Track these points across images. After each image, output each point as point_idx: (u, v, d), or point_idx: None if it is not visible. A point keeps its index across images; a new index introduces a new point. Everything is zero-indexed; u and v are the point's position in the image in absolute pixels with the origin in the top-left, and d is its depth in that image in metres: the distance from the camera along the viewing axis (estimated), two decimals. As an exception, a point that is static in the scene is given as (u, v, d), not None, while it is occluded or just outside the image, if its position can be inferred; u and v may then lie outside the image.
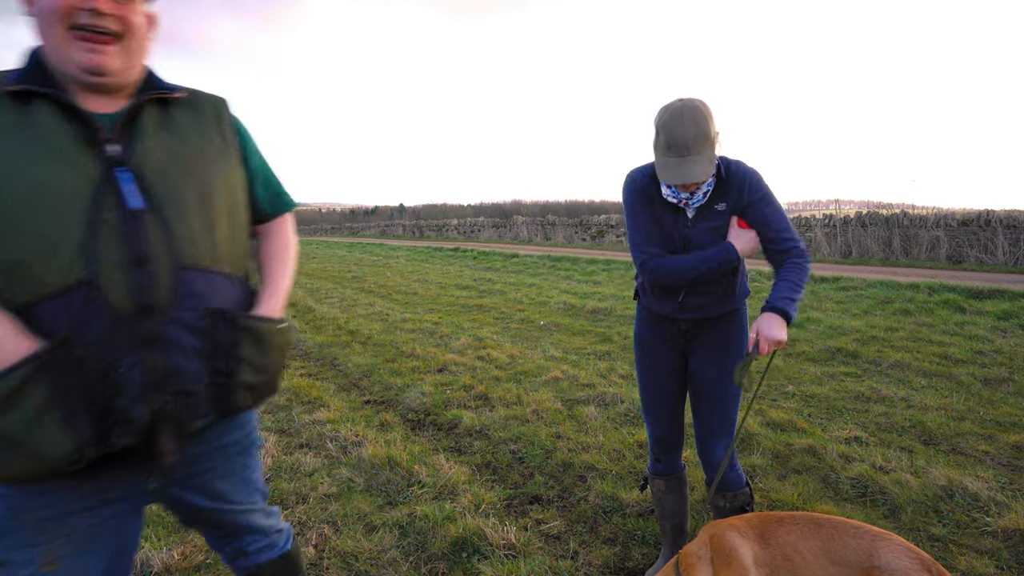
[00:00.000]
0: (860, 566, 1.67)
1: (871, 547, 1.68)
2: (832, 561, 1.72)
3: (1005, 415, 4.22)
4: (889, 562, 1.63)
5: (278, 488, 3.36)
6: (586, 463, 3.58)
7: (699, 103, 2.01)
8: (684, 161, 1.96)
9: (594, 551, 2.74)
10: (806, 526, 1.79)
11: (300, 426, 4.35)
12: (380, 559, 2.66)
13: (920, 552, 1.64)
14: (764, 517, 1.87)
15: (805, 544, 1.76)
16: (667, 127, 1.99)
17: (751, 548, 1.81)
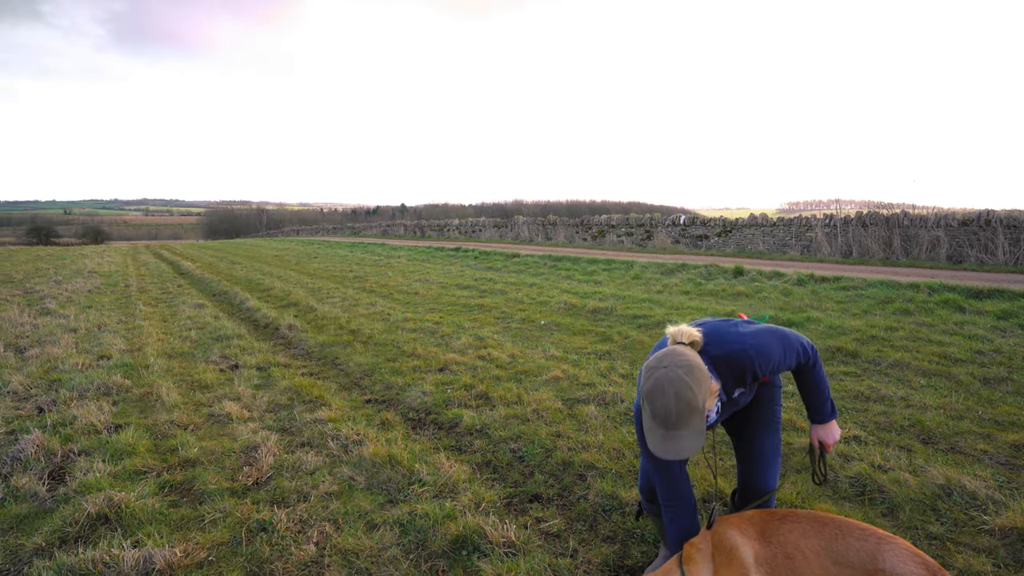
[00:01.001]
0: (863, 568, 1.67)
1: (875, 549, 1.68)
2: (834, 561, 1.72)
3: (1004, 414, 4.23)
4: (893, 566, 1.63)
5: (279, 486, 3.39)
6: (586, 462, 3.60)
7: (682, 372, 1.82)
8: (670, 436, 1.83)
9: (593, 549, 2.76)
10: (809, 525, 1.80)
11: (302, 425, 4.38)
12: (381, 557, 2.68)
13: (926, 557, 1.65)
14: (767, 515, 1.89)
15: (807, 543, 1.77)
16: (650, 397, 1.85)
17: (752, 547, 1.83)
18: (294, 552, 2.71)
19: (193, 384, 5.58)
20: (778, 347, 2.12)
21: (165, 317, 9.60)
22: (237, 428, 4.30)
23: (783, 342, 2.15)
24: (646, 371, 1.92)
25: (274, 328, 8.43)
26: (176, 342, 7.50)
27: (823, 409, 2.32)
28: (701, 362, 1.90)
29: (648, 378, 1.88)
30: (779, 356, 2.12)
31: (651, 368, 1.90)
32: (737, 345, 2.07)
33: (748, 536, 1.88)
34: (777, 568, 1.80)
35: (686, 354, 1.89)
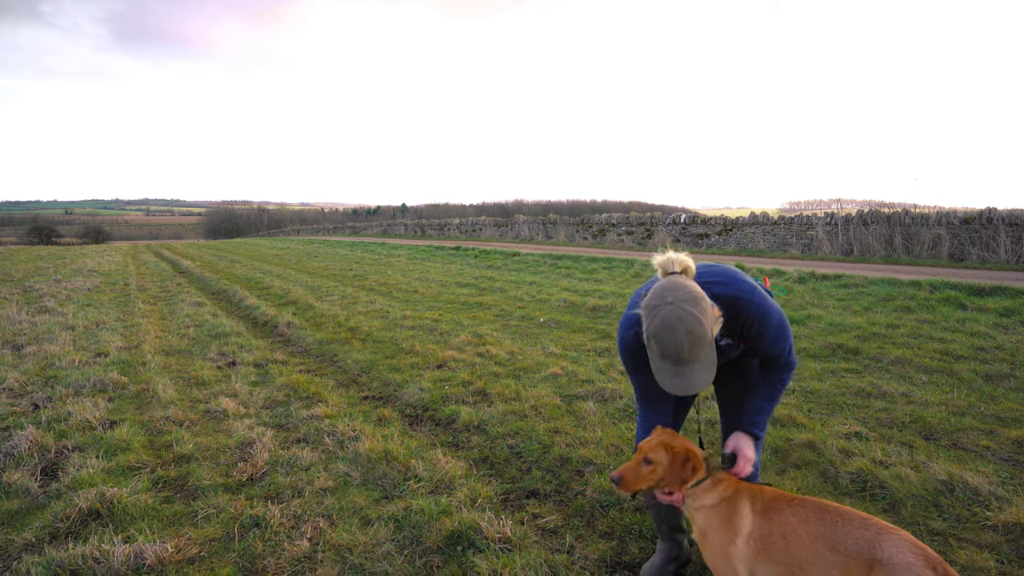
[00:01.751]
0: (861, 556, 1.64)
1: (875, 539, 1.65)
2: (831, 548, 1.70)
3: (1006, 410, 4.19)
4: (891, 556, 1.60)
5: (274, 482, 3.35)
6: (584, 457, 3.56)
7: (688, 305, 1.73)
8: (682, 372, 1.78)
9: (590, 545, 2.72)
10: (812, 511, 1.79)
11: (298, 421, 4.34)
12: (375, 552, 2.64)
13: (927, 550, 1.61)
14: (778, 495, 1.90)
15: (805, 527, 1.76)
16: (659, 337, 1.75)
17: (753, 519, 1.85)
18: (287, 548, 2.68)
19: (190, 381, 5.55)
20: (778, 320, 2.06)
21: (164, 315, 9.57)
22: (233, 424, 4.27)
23: (783, 321, 2.09)
24: (648, 309, 1.79)
25: (272, 326, 8.40)
26: (174, 339, 7.47)
27: (760, 423, 2.16)
28: (702, 291, 1.82)
29: (653, 317, 1.77)
30: (775, 328, 2.04)
31: (654, 306, 1.78)
32: (747, 294, 2.01)
33: (754, 509, 1.89)
34: (771, 546, 1.81)
35: (688, 285, 1.80)
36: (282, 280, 13.86)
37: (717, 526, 1.92)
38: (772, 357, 2.12)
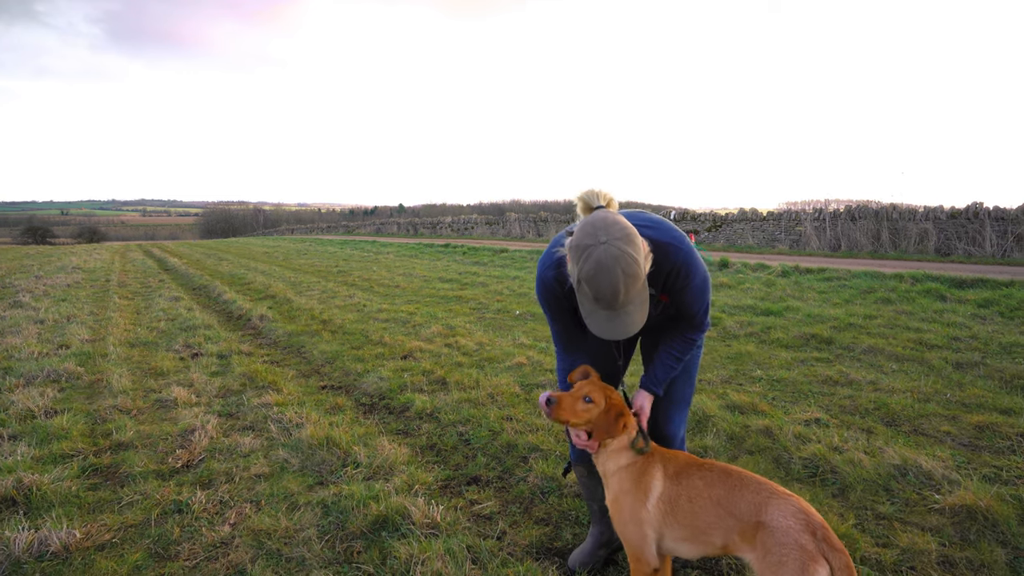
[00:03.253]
0: (750, 519, 1.60)
1: (764, 502, 1.60)
2: (728, 512, 1.66)
3: (972, 396, 4.09)
4: (773, 518, 1.56)
5: (209, 468, 3.24)
6: (531, 444, 3.45)
7: (622, 243, 1.60)
8: (616, 315, 1.67)
9: (524, 531, 2.62)
10: (718, 475, 1.75)
11: (248, 409, 4.23)
12: (295, 538, 2.53)
13: (813, 515, 1.55)
14: (690, 461, 1.84)
15: (710, 491, 1.72)
16: (593, 281, 1.61)
17: (664, 483, 1.81)
18: (205, 533, 2.56)
19: (148, 372, 5.43)
20: (702, 276, 1.94)
21: (139, 309, 9.44)
22: (181, 413, 4.15)
23: (707, 280, 1.97)
24: (580, 250, 1.63)
25: (246, 319, 8.28)
26: (143, 332, 7.35)
27: (660, 383, 2.08)
28: (633, 227, 1.69)
29: (586, 259, 1.61)
30: (699, 283, 1.92)
31: (586, 247, 1.62)
32: (677, 241, 1.89)
33: (667, 474, 1.83)
34: (678, 508, 1.77)
35: (620, 221, 1.66)
36: (265, 276, 13.74)
37: (629, 488, 1.86)
38: (689, 315, 1.99)
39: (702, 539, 1.71)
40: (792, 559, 1.47)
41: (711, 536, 1.68)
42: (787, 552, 1.48)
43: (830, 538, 1.49)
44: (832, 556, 1.46)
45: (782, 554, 1.49)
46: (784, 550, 1.49)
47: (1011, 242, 12.10)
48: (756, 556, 1.56)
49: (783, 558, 1.48)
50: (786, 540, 1.50)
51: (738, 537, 1.62)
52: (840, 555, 1.46)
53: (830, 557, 1.46)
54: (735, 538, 1.63)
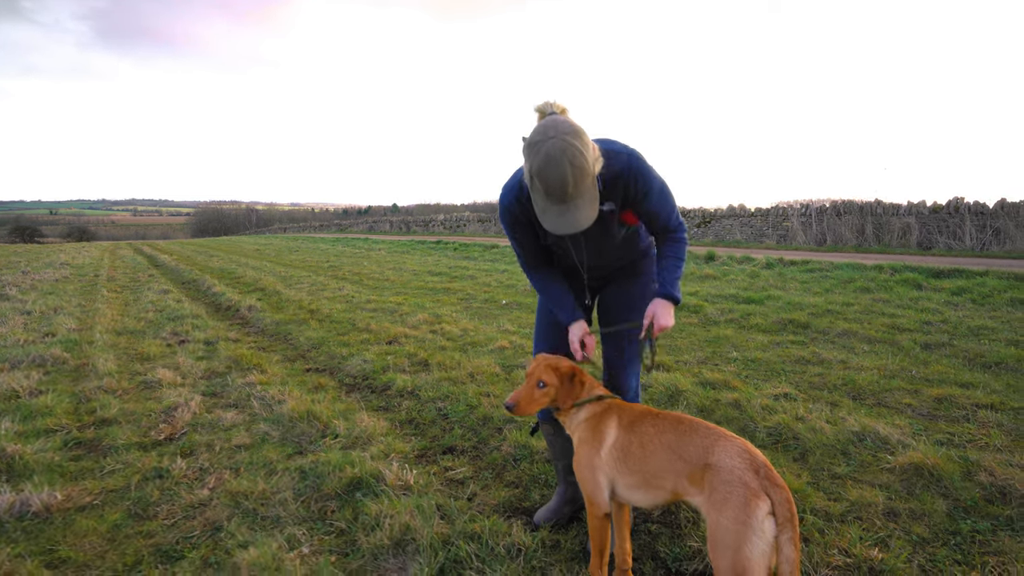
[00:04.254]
0: (698, 462, 1.68)
1: (711, 445, 1.68)
2: (678, 456, 1.73)
3: (935, 373, 4.23)
4: (720, 459, 1.64)
5: (191, 440, 3.32)
6: (506, 416, 3.55)
7: (570, 137, 1.69)
8: (567, 209, 1.76)
9: (494, 492, 2.72)
10: (669, 422, 1.83)
11: (232, 389, 4.30)
12: (271, 499, 2.62)
13: (756, 454, 1.64)
14: (645, 411, 1.94)
15: (661, 437, 1.80)
16: (542, 174, 1.70)
17: (617, 432, 1.90)
18: (184, 495, 2.65)
19: (134, 356, 5.48)
20: (659, 182, 2.02)
21: (127, 302, 9.46)
22: (165, 392, 4.22)
23: (665, 186, 2.05)
24: (531, 147, 1.72)
25: (235, 310, 8.33)
26: (130, 322, 7.39)
27: (674, 283, 2.10)
28: (581, 126, 1.77)
29: (536, 153, 1.70)
30: (658, 188, 2.00)
31: (536, 143, 1.71)
32: (627, 150, 1.97)
33: (621, 423, 1.92)
34: (630, 455, 1.85)
35: (569, 120, 1.74)
36: (255, 271, 13.76)
37: (586, 438, 1.96)
38: (661, 221, 2.06)
39: (654, 484, 1.79)
40: (735, 495, 1.56)
41: (662, 481, 1.77)
42: (731, 489, 1.57)
43: (772, 475, 1.58)
44: (773, 492, 1.55)
45: (726, 492, 1.58)
46: (728, 488, 1.58)
47: (989, 236, 12.32)
48: (703, 497, 1.64)
49: (727, 495, 1.57)
50: (730, 478, 1.59)
51: (687, 481, 1.70)
52: (781, 491, 1.55)
53: (771, 493, 1.55)
54: (684, 482, 1.71)
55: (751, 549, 1.51)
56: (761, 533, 1.51)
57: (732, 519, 1.54)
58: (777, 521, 1.53)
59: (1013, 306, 6.53)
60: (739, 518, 1.53)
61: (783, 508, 1.53)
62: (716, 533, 1.57)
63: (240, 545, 2.23)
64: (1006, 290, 7.23)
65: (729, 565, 1.53)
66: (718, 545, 1.56)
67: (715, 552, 1.57)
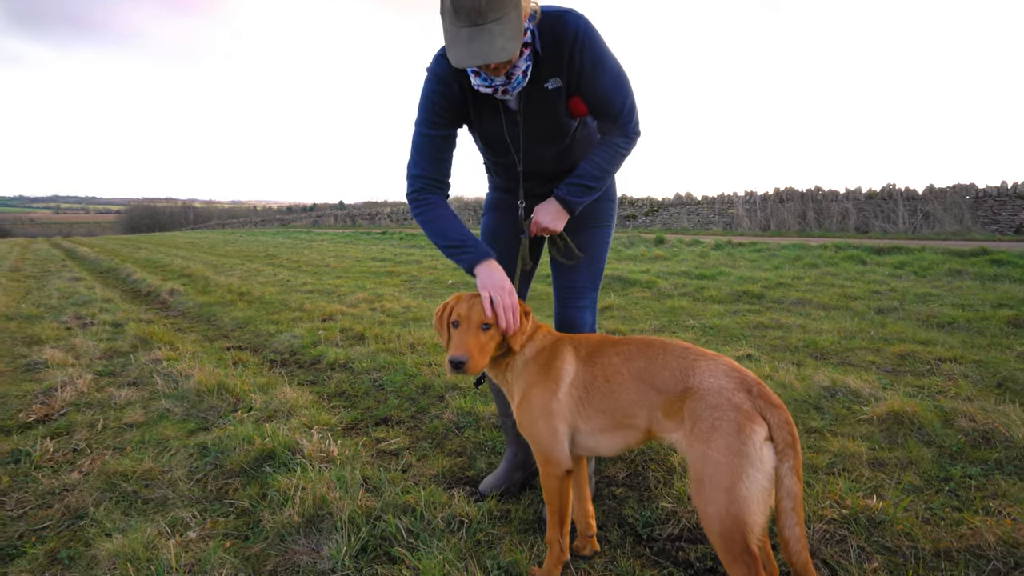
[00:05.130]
0: (675, 388, 1.36)
1: (690, 367, 1.36)
2: (650, 385, 1.40)
3: (893, 333, 4.13)
4: (702, 381, 1.32)
5: (70, 420, 2.77)
6: (449, 383, 3.17)
7: None
8: (479, 32, 1.41)
9: (433, 462, 2.33)
10: (637, 347, 1.49)
11: (133, 367, 3.73)
12: (158, 480, 2.14)
13: (746, 373, 1.33)
14: (605, 339, 1.59)
15: (628, 365, 1.46)
16: None
17: (576, 366, 1.55)
18: (43, 481, 2.13)
19: (23, 340, 4.76)
20: (613, 62, 1.66)
21: (29, 290, 8.48)
22: (50, 373, 3.60)
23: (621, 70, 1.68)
24: None
25: (155, 295, 7.57)
26: (27, 308, 6.54)
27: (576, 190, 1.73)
28: None
29: None
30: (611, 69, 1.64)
31: None
32: (570, 14, 1.61)
33: (579, 356, 1.57)
34: (594, 389, 1.50)
35: None
36: (184, 260, 12.78)
37: (535, 381, 1.56)
38: (611, 110, 1.68)
39: (624, 424, 1.46)
40: (725, 421, 1.25)
41: (633, 419, 1.44)
42: (719, 415, 1.26)
43: (766, 394, 1.28)
44: (769, 413, 1.25)
45: (713, 418, 1.26)
46: (716, 413, 1.26)
47: (920, 219, 12.83)
48: (684, 430, 1.33)
49: (715, 422, 1.26)
50: (717, 402, 1.28)
51: (662, 414, 1.38)
52: (779, 411, 1.25)
53: (767, 414, 1.25)
54: (659, 416, 1.39)
55: (748, 484, 1.20)
56: (759, 463, 1.20)
57: (723, 450, 1.22)
58: (776, 448, 1.22)
59: (952, 276, 6.65)
60: (731, 447, 1.22)
61: (782, 432, 1.23)
62: (704, 470, 1.25)
63: (105, 533, 1.75)
64: (943, 263, 7.40)
65: (721, 508, 1.21)
66: (706, 484, 1.24)
67: (702, 495, 1.25)
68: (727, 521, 1.20)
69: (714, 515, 1.22)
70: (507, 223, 2.00)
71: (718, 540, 1.23)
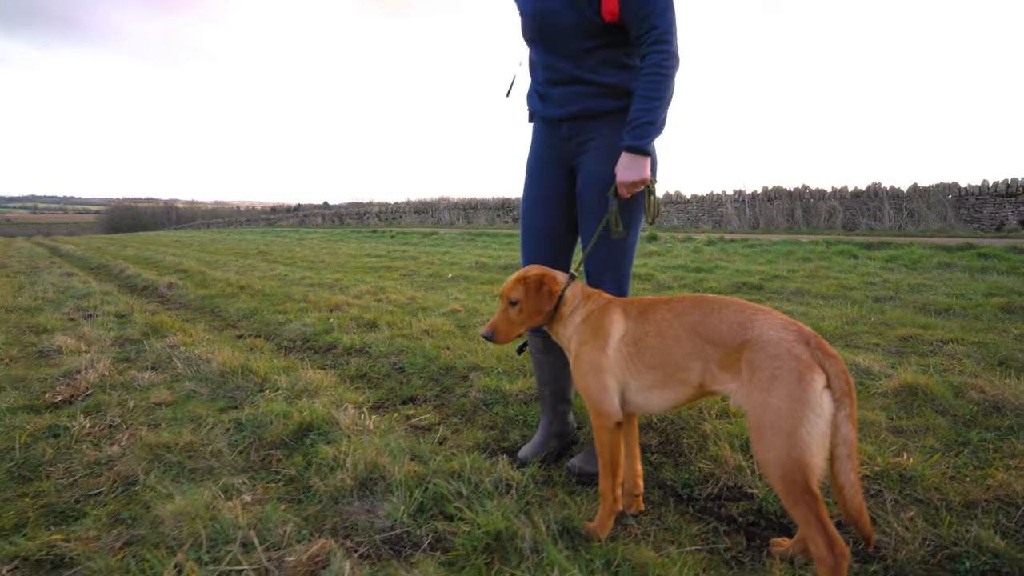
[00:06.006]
0: (732, 341, 1.43)
1: (748, 321, 1.44)
2: (706, 339, 1.47)
3: (893, 319, 4.27)
4: (762, 333, 1.40)
5: (97, 400, 2.77)
6: (471, 364, 3.22)
7: None
8: None
9: (467, 435, 2.39)
10: (691, 303, 1.56)
11: (149, 353, 3.72)
12: (201, 451, 2.17)
13: (803, 326, 1.41)
14: (655, 299, 1.66)
15: (682, 319, 1.53)
16: None
17: (625, 325, 1.62)
18: (87, 452, 2.16)
19: (28, 329, 4.72)
20: None
21: (21, 285, 8.36)
22: (66, 359, 3.59)
23: None
24: None
25: (153, 289, 7.49)
26: (24, 300, 6.46)
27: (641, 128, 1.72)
28: None
29: None
30: None
31: None
32: None
33: (628, 315, 1.65)
34: (645, 346, 1.57)
35: None
36: (176, 257, 12.65)
37: (586, 339, 1.66)
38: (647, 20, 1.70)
39: (675, 379, 1.53)
40: (787, 370, 1.32)
41: (687, 372, 1.50)
42: (780, 364, 1.33)
43: (824, 346, 1.35)
44: (827, 363, 1.33)
45: (775, 367, 1.33)
46: (777, 363, 1.33)
47: (905, 216, 13.14)
48: (741, 381, 1.40)
49: (776, 371, 1.33)
50: (778, 352, 1.34)
51: (717, 367, 1.45)
52: (835, 361, 1.33)
53: (825, 364, 1.32)
54: (714, 369, 1.46)
55: (809, 430, 1.27)
56: (820, 410, 1.28)
57: (785, 397, 1.30)
58: (834, 396, 1.30)
59: (942, 268, 6.85)
60: (793, 395, 1.29)
61: (839, 380, 1.31)
62: (764, 417, 1.32)
63: (162, 497, 1.79)
64: (932, 257, 7.61)
65: (782, 452, 1.28)
66: (767, 431, 1.31)
67: (762, 441, 1.33)
68: (789, 464, 1.28)
69: (775, 460, 1.30)
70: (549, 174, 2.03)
71: (780, 483, 1.30)
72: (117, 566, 1.44)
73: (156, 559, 1.43)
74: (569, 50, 1.86)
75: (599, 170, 1.89)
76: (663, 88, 1.73)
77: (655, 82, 1.72)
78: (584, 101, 1.88)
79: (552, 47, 1.88)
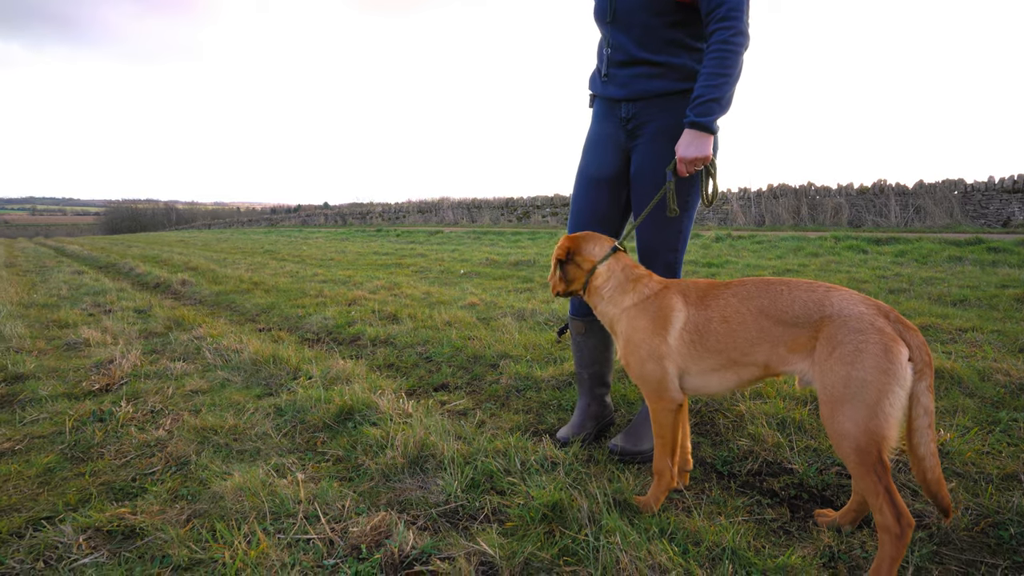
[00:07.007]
0: (809, 320, 1.43)
1: (822, 299, 1.45)
2: (777, 321, 1.48)
3: (909, 309, 4.31)
4: (841, 309, 1.41)
5: (134, 389, 2.82)
6: (500, 352, 3.27)
7: None
8: None
9: (504, 419, 2.43)
10: (755, 287, 1.56)
11: (177, 344, 3.77)
12: (247, 434, 2.22)
13: (879, 302, 1.44)
14: (715, 283, 1.67)
15: (747, 305, 1.53)
16: None
17: (687, 311, 1.62)
18: (134, 435, 2.20)
19: (49, 323, 4.77)
20: None
21: (33, 283, 8.41)
22: (94, 351, 3.64)
23: None
24: None
25: (165, 286, 7.55)
26: (40, 297, 6.51)
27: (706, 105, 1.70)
28: None
29: None
30: None
31: None
32: None
33: (688, 301, 1.65)
34: (708, 333, 1.58)
35: None
36: (183, 256, 12.71)
37: (642, 327, 1.66)
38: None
39: (741, 362, 1.54)
40: (872, 343, 1.33)
41: (753, 356, 1.52)
42: (864, 337, 1.34)
43: (902, 319, 1.38)
44: (908, 335, 1.35)
45: (859, 341, 1.34)
46: (861, 336, 1.35)
47: (911, 213, 13.18)
48: (815, 358, 1.41)
49: (861, 344, 1.34)
50: (861, 326, 1.35)
51: (786, 348, 1.47)
52: (915, 334, 1.35)
53: (907, 336, 1.34)
54: (782, 351, 1.47)
55: (892, 400, 1.30)
56: (903, 382, 1.31)
57: (872, 369, 1.32)
58: (915, 367, 1.33)
59: (952, 263, 6.89)
60: (880, 366, 1.31)
61: (920, 352, 1.33)
62: (846, 390, 1.34)
63: (218, 475, 1.83)
64: (942, 251, 7.65)
65: (862, 424, 1.31)
66: (848, 403, 1.33)
67: (841, 413, 1.34)
68: (867, 436, 1.31)
69: (852, 431, 1.32)
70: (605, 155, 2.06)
71: (854, 454, 1.33)
72: (188, 536, 1.48)
73: (225, 529, 1.47)
74: (637, 29, 1.87)
75: (656, 154, 1.91)
76: (730, 65, 1.71)
77: (722, 58, 1.70)
78: (646, 82, 1.89)
79: (622, 26, 1.89)
